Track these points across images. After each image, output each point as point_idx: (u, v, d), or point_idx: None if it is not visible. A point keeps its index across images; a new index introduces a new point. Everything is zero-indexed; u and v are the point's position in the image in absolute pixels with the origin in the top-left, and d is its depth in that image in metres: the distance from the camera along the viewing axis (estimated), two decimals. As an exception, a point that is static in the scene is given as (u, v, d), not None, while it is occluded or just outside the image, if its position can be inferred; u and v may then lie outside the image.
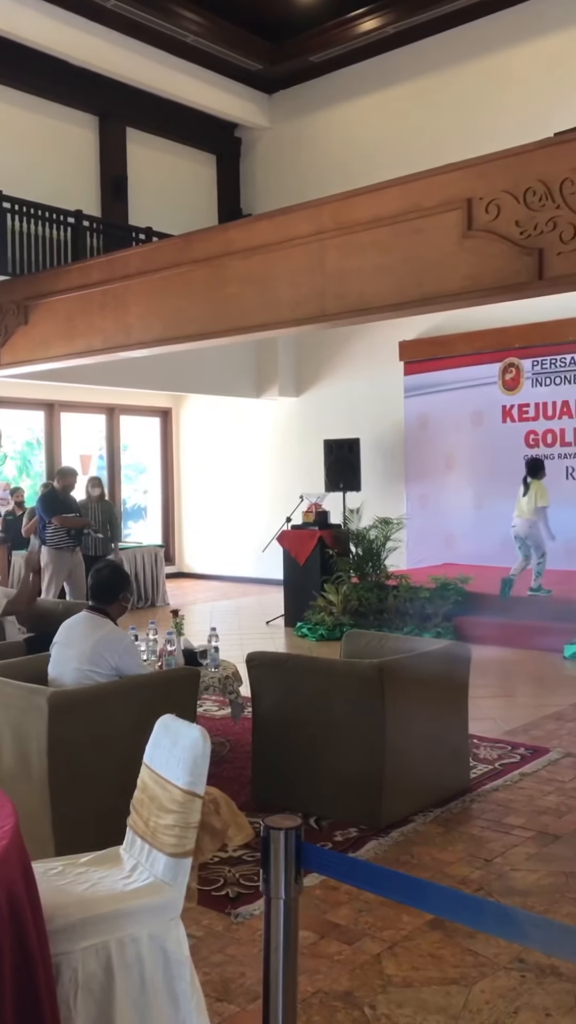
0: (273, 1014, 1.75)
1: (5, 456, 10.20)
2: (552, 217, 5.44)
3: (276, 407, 12.80)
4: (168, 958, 2.37)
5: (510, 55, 10.53)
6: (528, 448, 10.51)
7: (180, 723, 2.62)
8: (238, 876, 3.48)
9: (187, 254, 7.66)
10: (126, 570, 4.48)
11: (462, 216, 5.84)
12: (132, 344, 8.16)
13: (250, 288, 7.17)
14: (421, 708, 4.21)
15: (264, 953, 1.79)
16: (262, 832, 1.78)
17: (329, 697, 4.13)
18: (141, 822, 2.58)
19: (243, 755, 4.83)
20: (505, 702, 6.20)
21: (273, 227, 7.14)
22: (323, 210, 6.82)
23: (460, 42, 10.86)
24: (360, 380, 12.05)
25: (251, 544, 12.24)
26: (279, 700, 4.31)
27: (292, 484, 11.54)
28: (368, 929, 3.11)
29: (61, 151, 11.41)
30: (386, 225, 6.40)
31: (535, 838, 3.85)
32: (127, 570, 8.31)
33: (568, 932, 1.27)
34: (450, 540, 11.11)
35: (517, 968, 2.82)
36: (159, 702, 3.52)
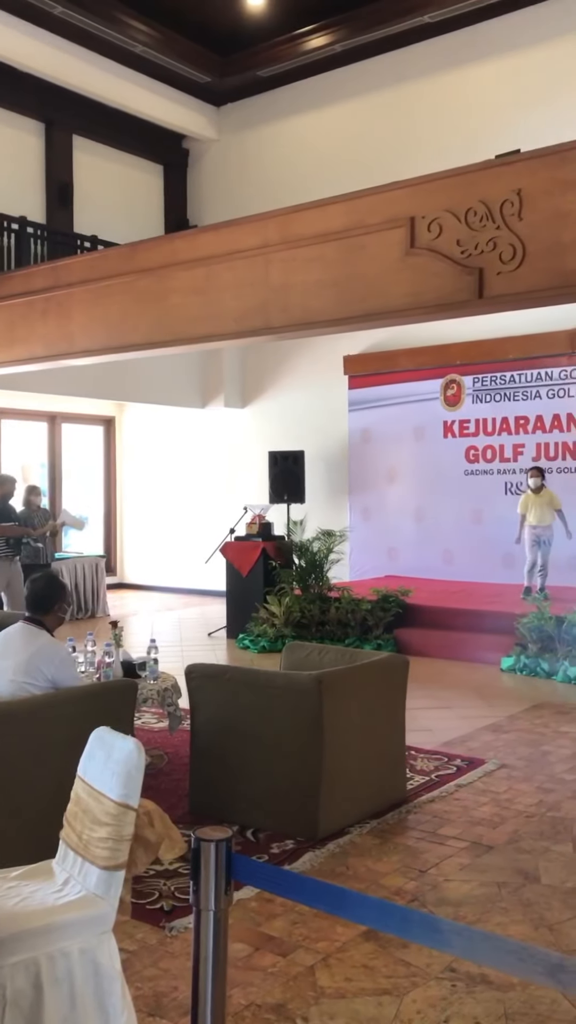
0: (202, 1028, 1.74)
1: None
2: (492, 237, 5.55)
3: (221, 418, 12.80)
4: (99, 972, 2.35)
5: (454, 77, 10.73)
6: (468, 463, 10.68)
7: (115, 735, 2.61)
8: (173, 889, 3.46)
9: (132, 263, 7.64)
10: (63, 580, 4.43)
11: (405, 234, 5.93)
12: (75, 352, 8.10)
13: (195, 299, 7.18)
14: (359, 719, 4.25)
15: (193, 966, 1.79)
16: (192, 844, 1.77)
17: (268, 709, 4.14)
18: (74, 835, 2.56)
19: (181, 767, 4.81)
20: (443, 713, 6.28)
21: (219, 239, 7.16)
22: (269, 223, 6.86)
23: (406, 62, 11.04)
24: (305, 393, 12.12)
25: (194, 555, 12.20)
26: (218, 712, 4.30)
27: (236, 495, 11.56)
28: (302, 941, 3.11)
29: (6, 157, 11.29)
30: (330, 241, 6.46)
31: (469, 849, 3.90)
32: (65, 580, 8.23)
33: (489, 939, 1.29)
34: (392, 552, 11.21)
35: (448, 977, 2.85)
36: (96, 714, 3.48)
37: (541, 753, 5.29)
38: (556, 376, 10.06)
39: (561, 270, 5.36)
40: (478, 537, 10.50)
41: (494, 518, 10.25)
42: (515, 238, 5.47)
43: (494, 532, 10.17)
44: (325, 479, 11.65)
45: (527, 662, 7.51)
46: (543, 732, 5.76)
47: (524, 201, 5.47)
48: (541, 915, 3.29)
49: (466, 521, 10.66)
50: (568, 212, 5.32)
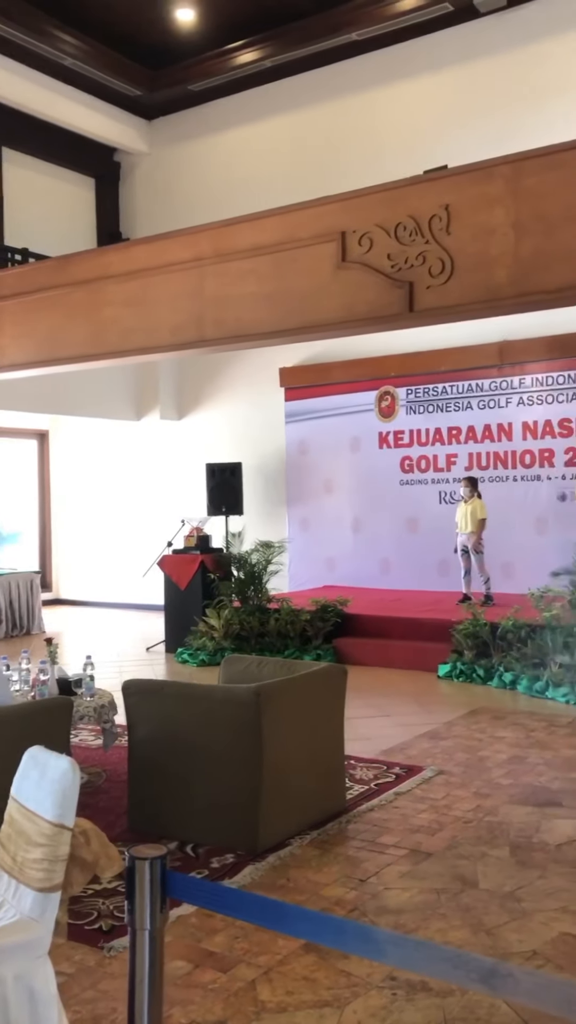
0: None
1: None
2: (422, 252, 5.64)
3: (157, 430, 12.74)
4: (35, 998, 2.30)
5: (383, 94, 10.89)
6: (403, 473, 10.80)
7: (49, 754, 2.57)
8: (112, 908, 3.42)
9: (64, 276, 7.57)
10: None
11: (336, 248, 5.99)
12: (5, 366, 7.99)
13: (128, 312, 7.15)
14: (298, 731, 4.25)
15: (129, 986, 1.77)
16: (127, 862, 1.76)
17: (207, 723, 4.12)
18: (8, 857, 2.51)
19: (120, 785, 4.75)
20: (381, 722, 6.32)
21: (152, 252, 7.14)
22: (202, 237, 6.87)
23: (335, 79, 11.17)
24: (242, 404, 12.13)
25: (131, 569, 12.10)
26: (156, 728, 4.27)
27: (173, 508, 11.50)
28: (243, 955, 3.10)
29: None
30: (264, 254, 6.50)
31: (408, 856, 3.93)
32: None
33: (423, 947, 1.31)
34: (330, 563, 11.27)
35: (389, 986, 2.87)
36: (30, 733, 3.43)
37: (478, 759, 5.36)
38: (487, 387, 10.25)
39: (488, 284, 5.47)
40: (414, 546, 10.62)
41: (429, 527, 10.39)
42: (444, 252, 5.57)
43: (430, 541, 10.30)
44: (263, 491, 11.67)
45: (463, 668, 7.61)
46: (480, 738, 5.85)
47: (452, 216, 5.58)
48: (479, 920, 3.33)
49: (402, 530, 10.78)
50: (494, 228, 5.44)
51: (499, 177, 5.49)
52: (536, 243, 5.35)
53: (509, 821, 4.32)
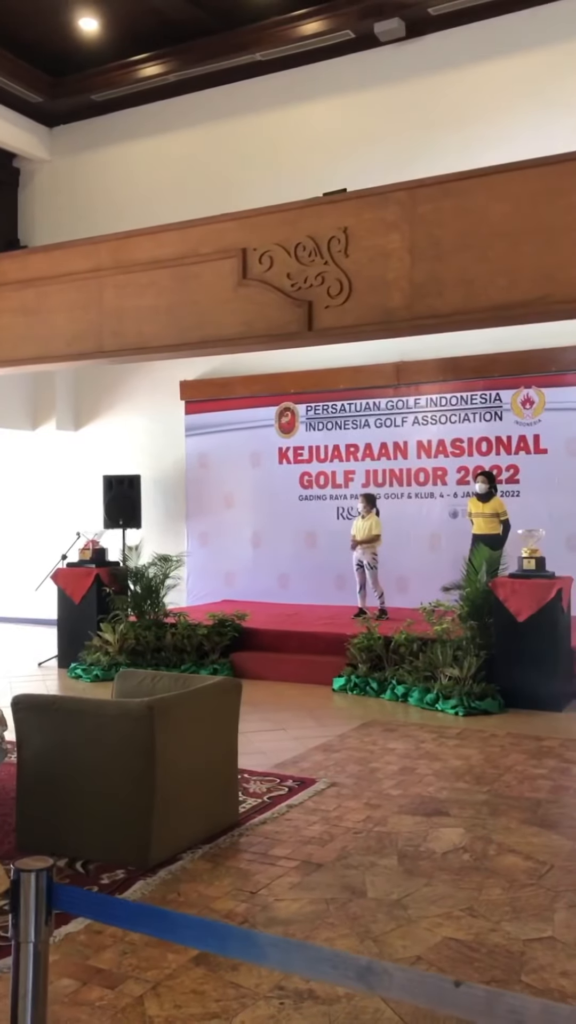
0: (22, 1067, 1.70)
1: None
2: (321, 272, 5.77)
3: (53, 440, 12.53)
4: None
5: (285, 114, 11.05)
6: (303, 488, 10.93)
7: None
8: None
9: (-42, 282, 7.41)
10: None
11: (237, 265, 6.07)
12: None
13: (23, 320, 7.05)
14: (192, 745, 4.25)
15: (12, 1002, 1.75)
16: (11, 875, 1.74)
17: (100, 738, 4.08)
18: None
19: (8, 802, 4.65)
20: (276, 735, 6.36)
21: (49, 261, 7.08)
22: (101, 248, 6.85)
23: (239, 97, 11.28)
24: (141, 416, 12.06)
25: (23, 582, 11.84)
26: (47, 743, 4.20)
27: (68, 520, 11.31)
28: (131, 971, 3.08)
29: None
30: (164, 267, 6.53)
31: (299, 867, 3.97)
32: None
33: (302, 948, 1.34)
34: (229, 577, 11.29)
35: (277, 995, 2.90)
36: None
37: (369, 770, 5.46)
38: (384, 406, 10.49)
39: (385, 306, 5.64)
40: (312, 561, 10.74)
41: (327, 542, 10.53)
42: (342, 274, 5.71)
43: (327, 556, 10.45)
44: (162, 504, 11.62)
45: (357, 681, 7.74)
46: (371, 750, 5.95)
47: (350, 238, 5.73)
48: (367, 928, 3.39)
49: (301, 545, 10.89)
50: (391, 252, 5.61)
51: (395, 203, 5.67)
52: (430, 268, 5.54)
53: (398, 831, 4.41)
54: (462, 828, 4.44)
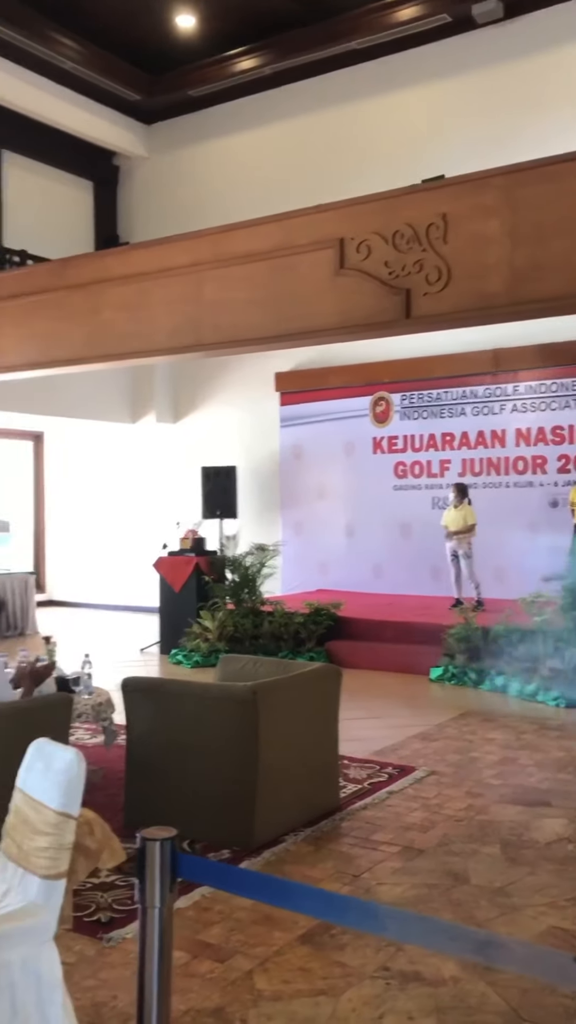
0: None
1: None
2: (419, 259, 5.73)
3: (152, 433, 12.80)
4: (41, 982, 2.36)
5: (381, 102, 11.00)
6: (397, 479, 10.89)
7: (55, 746, 2.63)
8: (111, 901, 3.48)
9: (63, 279, 7.64)
10: None
11: (334, 255, 6.08)
12: (4, 367, 8.05)
13: (126, 315, 7.21)
14: (294, 729, 4.32)
15: (139, 965, 1.84)
16: (138, 843, 1.83)
17: (204, 721, 4.19)
18: (14, 846, 2.57)
19: (116, 782, 4.80)
20: (373, 723, 6.39)
21: (151, 256, 7.22)
22: (200, 242, 6.95)
23: (335, 86, 11.27)
24: (237, 408, 12.21)
25: (125, 571, 12.17)
26: (153, 725, 4.33)
27: (168, 510, 11.56)
28: (239, 947, 3.16)
29: None
30: (261, 260, 6.58)
31: (400, 853, 4.00)
32: None
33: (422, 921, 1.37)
34: (323, 567, 11.34)
35: (382, 976, 2.94)
36: (31, 729, 3.48)
37: (469, 759, 5.44)
38: (481, 394, 10.35)
39: (483, 292, 5.57)
40: (407, 551, 10.70)
41: (422, 532, 10.47)
42: (440, 260, 5.67)
43: (422, 546, 10.39)
44: (257, 494, 11.74)
45: (455, 672, 7.69)
46: (471, 739, 5.92)
47: (448, 225, 5.68)
48: (470, 914, 3.40)
49: (395, 535, 10.86)
50: (490, 237, 5.54)
51: (494, 188, 5.59)
52: (531, 253, 5.44)
53: (499, 820, 4.39)
54: (565, 819, 4.40)
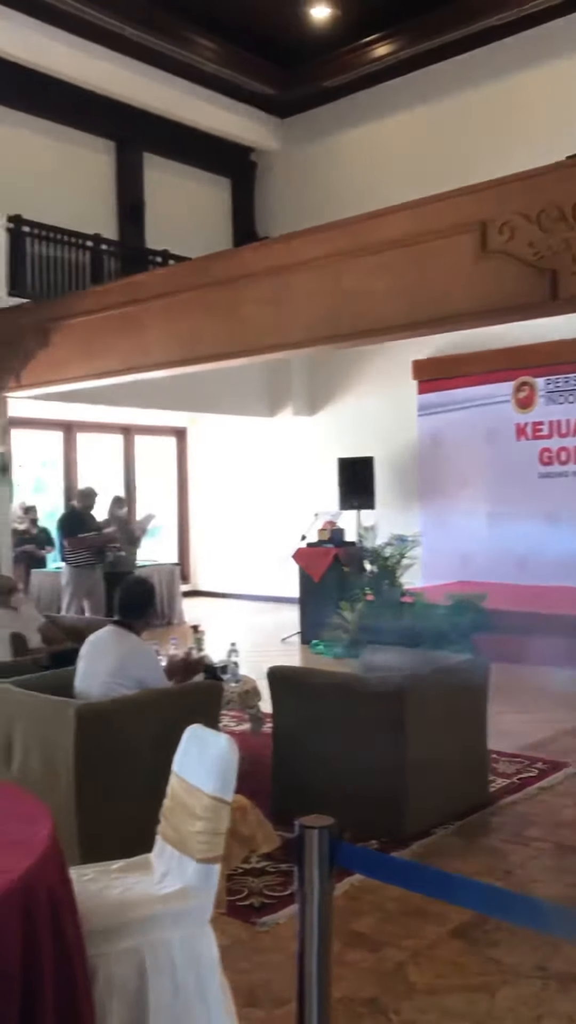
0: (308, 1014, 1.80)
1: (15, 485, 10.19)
2: (565, 238, 5.53)
3: (290, 426, 12.91)
4: (199, 963, 2.43)
5: (521, 80, 10.66)
6: (542, 466, 10.57)
7: (208, 732, 2.70)
8: (262, 887, 3.54)
9: (204, 276, 7.79)
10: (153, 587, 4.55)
11: (476, 238, 5.94)
12: (149, 365, 8.29)
13: (266, 309, 7.28)
14: (441, 723, 4.27)
15: (298, 952, 1.85)
16: (296, 831, 1.84)
17: (350, 712, 4.19)
18: (171, 829, 2.64)
19: (262, 770, 4.86)
20: (521, 718, 6.23)
21: (288, 249, 7.26)
22: (338, 233, 6.94)
23: (471, 67, 11.01)
24: (374, 398, 12.14)
25: (265, 562, 12.32)
26: (299, 715, 4.37)
27: (306, 502, 11.62)
28: (391, 938, 3.15)
29: (80, 176, 11.61)
30: (400, 247, 6.51)
31: (554, 850, 3.89)
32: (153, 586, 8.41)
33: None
34: (465, 558, 11.14)
35: (539, 976, 2.86)
36: (182, 715, 3.58)
37: (625, 757, 5.23)
38: (631, 376, 9.91)
39: None
40: (554, 540, 10.36)
41: (570, 521, 10.12)
42: (589, 239, 5.44)
43: (571, 535, 10.03)
44: (395, 485, 11.64)
45: (607, 666, 7.40)
46: (626, 736, 5.69)
47: (598, 201, 5.45)
48: (631, 917, 3.27)
49: (541, 524, 10.53)
50: None
51: None
52: None
53: None
54: None
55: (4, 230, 9.88)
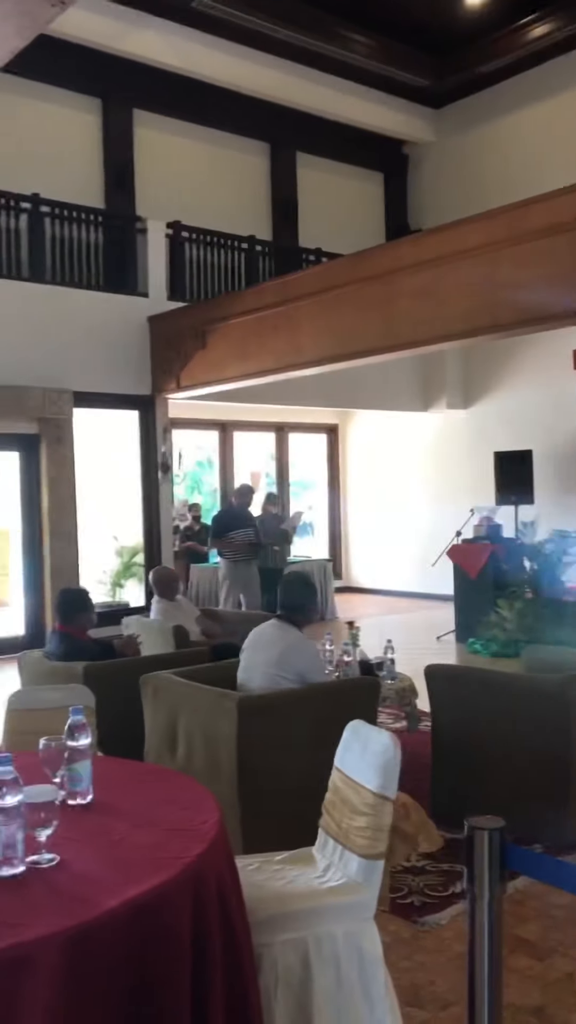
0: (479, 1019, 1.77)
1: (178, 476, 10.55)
2: None
3: (443, 420, 12.72)
4: (363, 958, 2.42)
5: None
6: None
7: (370, 728, 2.69)
8: (422, 886, 3.50)
9: (357, 272, 7.79)
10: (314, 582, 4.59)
11: None
12: (304, 363, 8.36)
13: (421, 302, 7.21)
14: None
15: (468, 956, 1.82)
16: (466, 831, 1.81)
17: (511, 712, 4.08)
18: (333, 824, 2.65)
19: (418, 768, 4.80)
20: None
21: (443, 241, 7.15)
22: (494, 221, 6.78)
23: None
24: (531, 390, 11.79)
25: (419, 558, 12.18)
26: (458, 714, 4.29)
27: (461, 497, 11.42)
28: (558, 946, 3.05)
29: (234, 179, 11.85)
30: (560, 233, 6.29)
31: None
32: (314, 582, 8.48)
33: None
34: (631, 555, 10.63)
35: None
36: (341, 710, 3.59)
37: None
38: None
39: None
40: None
41: None
42: None
43: None
44: (556, 478, 11.26)
45: None
46: None
47: None
48: None
49: None
50: None
51: None
52: None
53: None
54: None
55: (164, 237, 10.22)
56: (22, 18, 3.69)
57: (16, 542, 9.47)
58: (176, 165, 11.26)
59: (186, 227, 10.36)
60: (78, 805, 2.27)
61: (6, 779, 1.89)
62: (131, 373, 9.80)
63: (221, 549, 8.98)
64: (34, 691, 3.58)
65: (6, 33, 3.80)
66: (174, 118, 11.30)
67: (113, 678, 4.46)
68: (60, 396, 9.20)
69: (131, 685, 4.21)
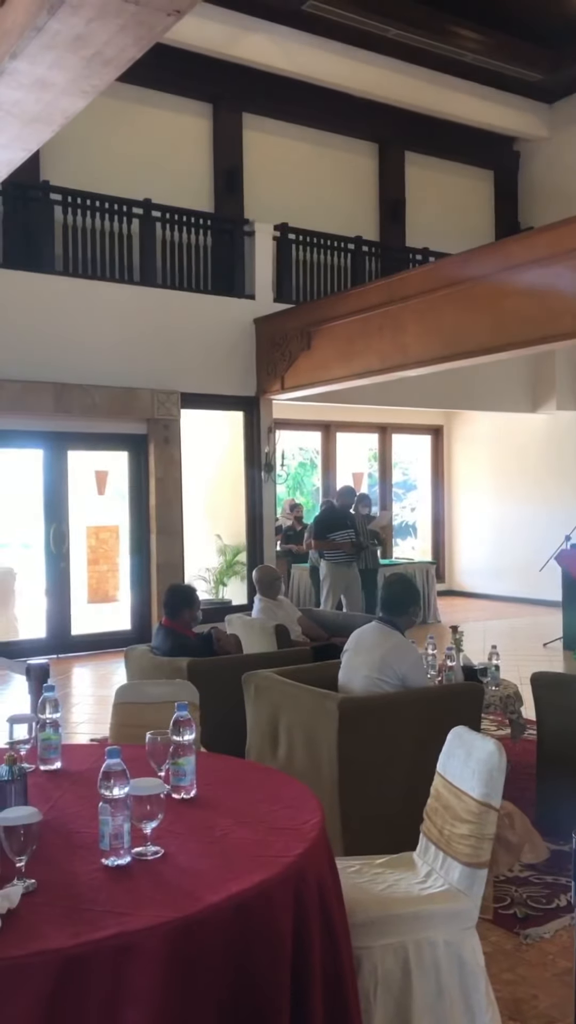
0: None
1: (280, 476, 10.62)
2: None
3: (553, 421, 12.41)
4: (464, 967, 2.38)
5: None
6: None
7: (474, 735, 2.64)
8: (525, 897, 3.42)
9: (466, 271, 7.68)
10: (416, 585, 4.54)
11: None
12: (409, 364, 8.29)
13: (531, 301, 7.05)
14: None
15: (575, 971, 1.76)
16: (574, 844, 1.75)
17: (621, 723, 3.95)
18: (435, 830, 2.62)
19: (522, 777, 4.71)
20: None
21: (555, 238, 6.98)
22: (610, 216, 6.58)
23: None
24: None
25: (526, 563, 11.92)
26: (565, 723, 4.18)
27: (570, 501, 11.12)
28: None
29: (342, 180, 11.85)
30: None
31: None
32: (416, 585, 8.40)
33: None
34: None
35: None
36: (443, 715, 3.55)
37: None
38: None
39: None
40: None
41: None
42: None
43: None
44: None
45: None
46: None
47: None
48: None
49: None
50: None
51: None
52: None
53: None
54: None
55: (271, 239, 10.29)
56: (139, 28, 3.78)
57: (124, 539, 9.70)
58: (284, 167, 11.33)
59: (293, 229, 10.41)
60: (182, 799, 2.31)
61: (115, 771, 1.94)
62: (237, 374, 9.92)
63: (323, 550, 8.99)
64: (140, 685, 3.66)
65: (124, 44, 3.89)
66: (282, 120, 11.37)
67: (216, 674, 4.52)
68: (168, 397, 9.39)
69: (234, 682, 4.25)
